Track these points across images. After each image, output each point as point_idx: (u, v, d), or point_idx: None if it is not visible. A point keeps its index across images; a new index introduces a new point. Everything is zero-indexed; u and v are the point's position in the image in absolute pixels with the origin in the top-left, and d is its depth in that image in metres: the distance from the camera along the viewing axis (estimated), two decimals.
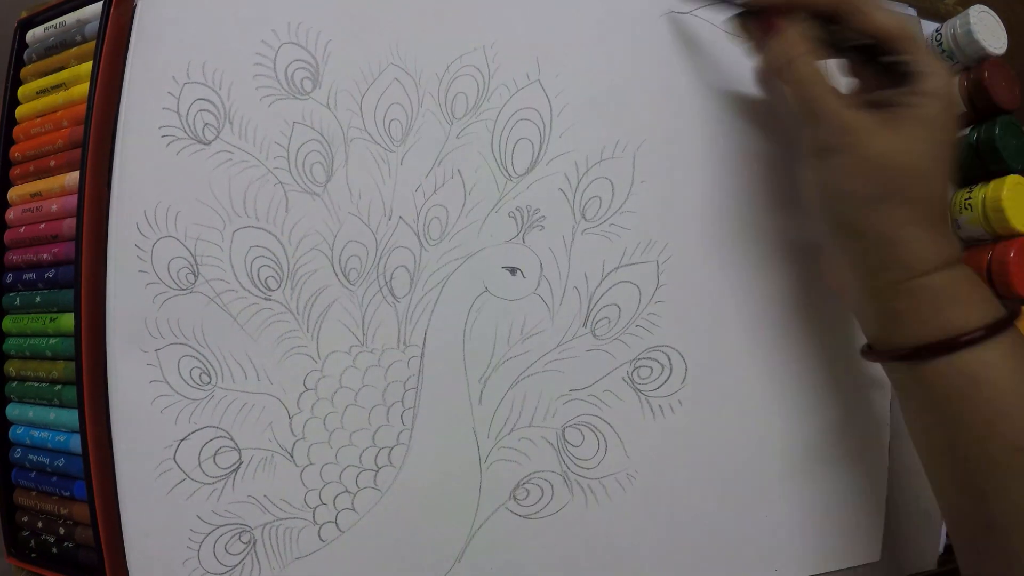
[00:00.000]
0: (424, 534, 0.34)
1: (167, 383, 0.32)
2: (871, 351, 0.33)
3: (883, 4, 0.30)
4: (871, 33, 0.30)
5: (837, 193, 0.30)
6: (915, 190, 0.28)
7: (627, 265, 0.36)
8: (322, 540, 0.33)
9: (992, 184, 0.41)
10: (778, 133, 0.39)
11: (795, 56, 0.30)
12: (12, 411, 0.37)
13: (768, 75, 0.34)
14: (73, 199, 0.34)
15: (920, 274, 0.28)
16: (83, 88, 0.35)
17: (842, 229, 0.30)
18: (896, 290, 0.29)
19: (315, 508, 0.33)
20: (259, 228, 0.33)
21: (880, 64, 0.32)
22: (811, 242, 0.39)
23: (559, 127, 0.36)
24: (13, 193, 0.38)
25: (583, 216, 0.36)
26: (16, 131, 0.38)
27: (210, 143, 0.33)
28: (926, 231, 0.28)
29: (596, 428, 0.36)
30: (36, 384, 0.36)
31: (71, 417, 0.34)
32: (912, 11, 0.44)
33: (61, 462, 0.35)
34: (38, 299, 0.36)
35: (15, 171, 0.38)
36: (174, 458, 0.32)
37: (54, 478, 0.36)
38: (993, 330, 0.27)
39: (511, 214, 0.35)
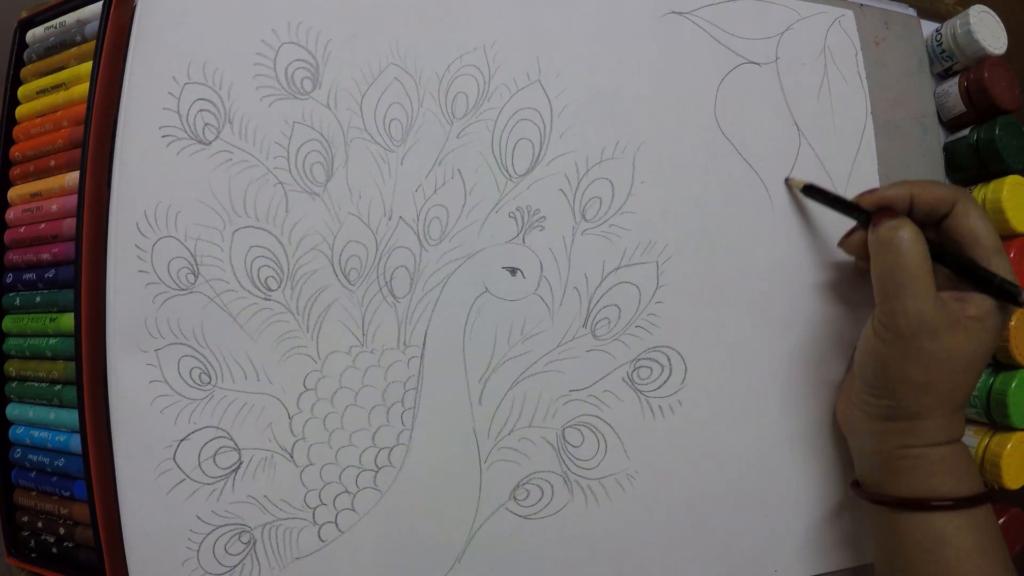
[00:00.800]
0: (424, 534, 0.34)
1: (167, 383, 0.32)
2: (858, 487, 0.35)
3: (984, 213, 0.32)
4: (967, 236, 0.32)
5: (893, 370, 0.31)
6: (958, 382, 0.31)
7: (627, 265, 0.36)
8: (322, 540, 0.33)
9: (992, 184, 0.41)
10: (778, 133, 0.39)
11: (905, 237, 0.31)
12: (12, 411, 0.37)
13: (852, 247, 0.36)
14: (73, 199, 0.34)
15: (928, 445, 0.32)
16: (83, 88, 0.35)
17: (882, 391, 0.32)
18: (903, 453, 0.32)
19: (315, 508, 0.33)
20: (259, 228, 0.33)
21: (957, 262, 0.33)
22: (811, 242, 0.39)
23: (559, 127, 0.36)
24: (13, 193, 0.38)
25: (583, 216, 0.36)
26: (16, 131, 0.38)
27: (210, 143, 0.33)
28: (950, 414, 0.32)
29: (596, 428, 0.36)
30: (36, 384, 0.36)
31: (71, 417, 0.34)
32: (912, 11, 0.44)
33: (61, 462, 0.35)
34: (38, 299, 0.36)
35: (15, 171, 0.38)
36: (174, 458, 0.32)
37: (54, 478, 0.36)
38: (970, 502, 0.31)
39: (511, 214, 0.35)
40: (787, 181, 0.38)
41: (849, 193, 0.40)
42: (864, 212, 0.34)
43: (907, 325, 0.30)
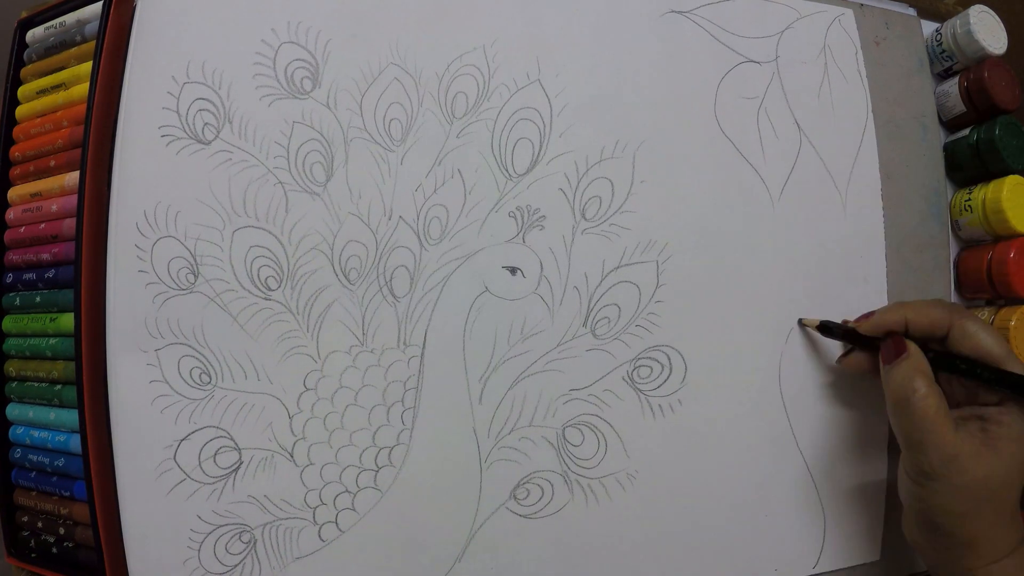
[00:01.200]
0: (425, 533, 0.34)
1: (167, 383, 0.32)
2: None
3: (985, 325, 0.33)
4: (976, 353, 0.32)
5: (936, 509, 0.31)
6: (1003, 499, 0.31)
7: (627, 265, 0.36)
8: (322, 540, 0.33)
9: (992, 184, 0.41)
10: (779, 132, 0.39)
11: (918, 391, 0.31)
12: (12, 411, 0.37)
13: (853, 366, 0.37)
14: (73, 199, 0.34)
15: (991, 562, 0.31)
16: (83, 88, 0.35)
17: (935, 531, 0.32)
18: (968, 573, 0.32)
19: (315, 508, 0.33)
20: (259, 228, 0.33)
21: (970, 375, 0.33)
22: (812, 240, 0.39)
23: (559, 127, 0.36)
24: (13, 193, 0.38)
25: (583, 216, 0.36)
26: (16, 131, 0.38)
27: (210, 143, 0.33)
28: (1004, 528, 0.31)
29: (596, 428, 0.36)
30: (36, 384, 0.36)
31: (71, 417, 0.34)
32: (912, 11, 0.44)
33: (61, 462, 0.35)
34: (38, 299, 0.36)
35: (15, 171, 0.38)
36: (174, 458, 0.32)
37: (54, 478, 0.36)
38: None
39: (511, 214, 0.35)
40: (800, 322, 0.39)
41: (850, 199, 0.40)
42: (869, 339, 0.35)
43: (934, 469, 0.31)
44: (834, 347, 0.39)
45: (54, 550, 0.36)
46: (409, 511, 0.34)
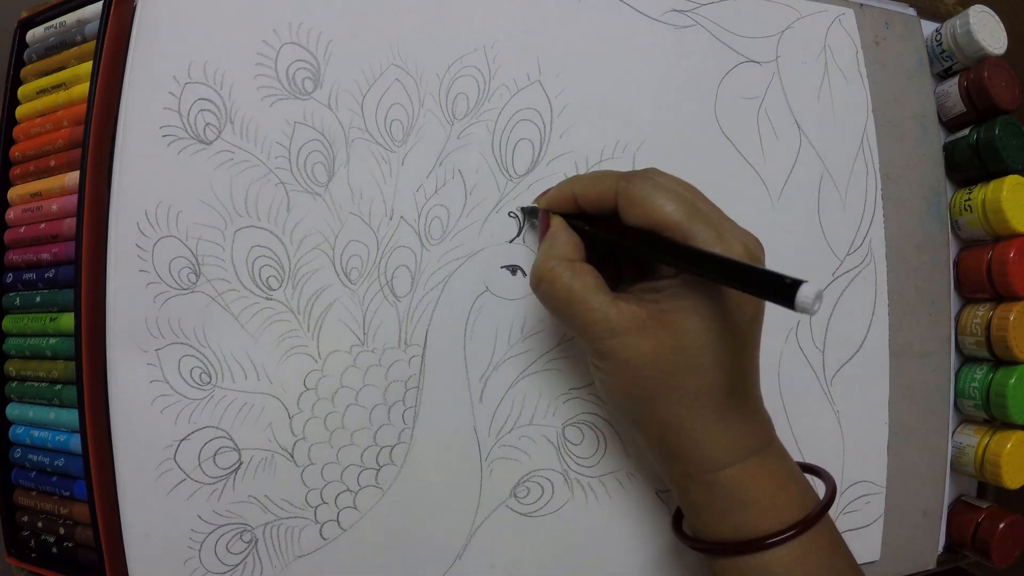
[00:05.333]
0: (426, 532, 0.34)
1: (167, 383, 0.32)
2: (678, 530, 0.32)
3: (662, 185, 0.27)
4: (646, 221, 0.27)
5: (616, 393, 0.28)
6: (690, 385, 0.26)
7: None
8: (324, 539, 0.33)
9: (992, 184, 0.41)
10: (779, 131, 0.39)
11: (555, 272, 0.28)
12: (12, 411, 0.37)
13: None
14: (73, 199, 0.34)
15: (710, 470, 0.27)
16: (83, 88, 0.35)
17: (629, 422, 0.29)
18: (690, 482, 0.28)
19: (316, 507, 0.33)
20: (260, 228, 0.33)
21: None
22: (812, 240, 0.39)
23: (559, 127, 0.36)
24: (13, 193, 0.38)
25: None
26: (16, 131, 0.38)
27: (211, 143, 0.33)
28: (712, 425, 0.27)
29: (596, 426, 0.36)
30: (36, 384, 0.36)
31: (71, 417, 0.34)
32: (912, 11, 0.44)
33: (61, 462, 0.35)
34: (38, 299, 0.36)
35: (15, 171, 0.38)
36: (174, 458, 0.32)
37: (54, 478, 0.36)
38: (786, 535, 0.26)
39: (512, 214, 0.35)
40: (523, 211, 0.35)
41: (850, 199, 0.40)
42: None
43: (598, 348, 0.27)
44: (834, 345, 0.39)
45: (54, 550, 0.36)
46: (410, 509, 0.34)
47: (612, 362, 0.27)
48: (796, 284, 0.21)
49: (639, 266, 0.31)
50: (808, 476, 0.30)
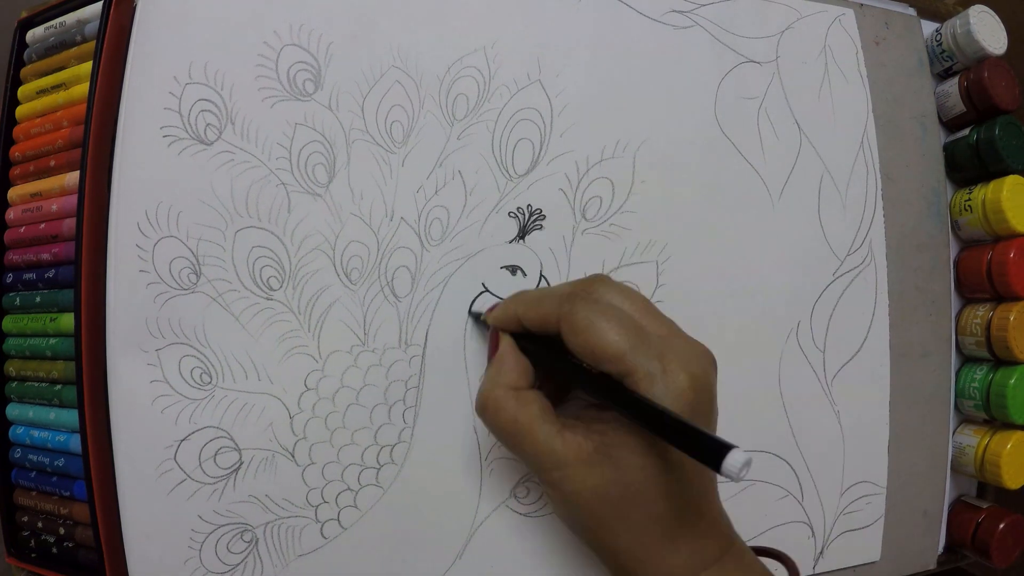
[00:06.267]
0: (426, 531, 0.34)
1: (168, 383, 0.32)
2: None
3: (608, 308, 0.26)
4: (588, 350, 0.26)
5: (567, 519, 0.28)
6: (637, 516, 0.26)
7: (627, 265, 0.36)
8: (324, 537, 0.33)
9: (992, 184, 0.41)
10: (779, 132, 0.39)
11: (494, 400, 0.28)
12: (12, 411, 0.37)
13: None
14: (73, 199, 0.34)
15: None
16: (83, 88, 0.35)
17: (586, 543, 0.29)
18: None
19: (317, 506, 0.33)
20: (261, 228, 0.33)
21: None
22: (812, 241, 0.39)
23: (559, 127, 0.36)
24: (13, 193, 0.38)
25: (583, 216, 0.36)
26: (16, 131, 0.38)
27: (212, 143, 0.33)
28: (663, 549, 0.26)
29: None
30: (36, 384, 0.36)
31: (71, 417, 0.34)
32: (912, 11, 0.44)
33: (61, 462, 0.35)
34: (38, 299, 0.36)
35: (15, 171, 0.38)
36: (175, 458, 0.32)
37: (54, 478, 0.36)
38: None
39: (512, 214, 0.35)
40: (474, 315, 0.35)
41: (850, 199, 0.40)
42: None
43: (544, 478, 0.27)
44: (834, 345, 0.39)
45: (54, 550, 0.36)
46: (411, 508, 0.34)
47: (559, 493, 0.27)
48: (725, 449, 0.21)
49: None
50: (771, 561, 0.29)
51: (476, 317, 0.34)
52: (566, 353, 0.27)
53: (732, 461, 0.21)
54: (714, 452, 0.21)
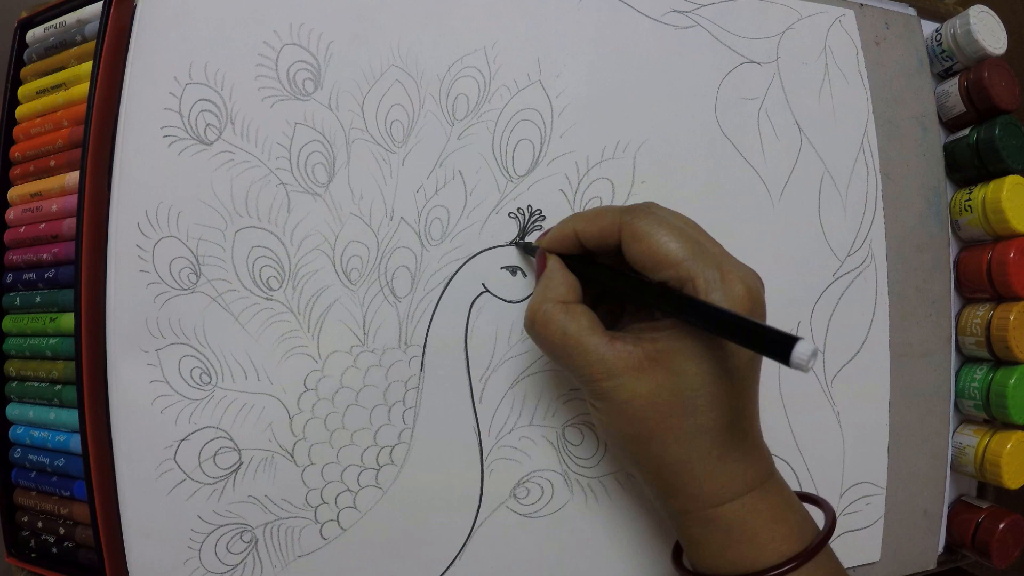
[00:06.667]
0: (425, 531, 0.34)
1: (167, 383, 0.32)
2: (678, 564, 0.31)
3: (668, 221, 0.27)
4: (649, 259, 0.27)
5: (614, 432, 0.28)
6: (687, 426, 0.26)
7: None
8: (324, 538, 0.33)
9: (992, 184, 0.41)
10: (779, 132, 0.39)
11: (548, 315, 0.28)
12: (12, 411, 0.37)
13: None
14: (73, 199, 0.34)
15: (708, 506, 0.27)
16: (83, 88, 0.35)
17: (627, 460, 0.29)
18: (688, 518, 0.28)
19: (316, 507, 0.33)
20: (261, 228, 0.33)
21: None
22: (812, 241, 0.39)
23: (560, 127, 0.36)
24: (13, 193, 0.38)
25: None
26: (16, 131, 0.38)
27: (212, 143, 0.33)
28: (711, 464, 0.27)
29: (596, 427, 0.36)
30: (36, 384, 0.36)
31: (71, 417, 0.34)
32: (912, 11, 0.44)
33: (61, 462, 0.35)
34: (38, 299, 0.36)
35: (15, 171, 0.38)
36: (174, 458, 0.32)
37: (54, 478, 0.36)
38: (785, 567, 0.26)
39: (512, 215, 0.35)
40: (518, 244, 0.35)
41: (850, 199, 0.40)
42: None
43: (595, 389, 0.27)
44: (835, 345, 0.39)
45: (54, 550, 0.36)
46: (410, 509, 0.34)
47: (609, 403, 0.27)
48: (792, 341, 0.21)
49: (641, 304, 0.31)
50: (809, 506, 0.30)
51: (525, 247, 0.34)
52: (623, 267, 0.28)
53: (801, 351, 0.21)
54: (782, 345, 0.21)
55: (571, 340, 0.27)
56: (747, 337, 0.23)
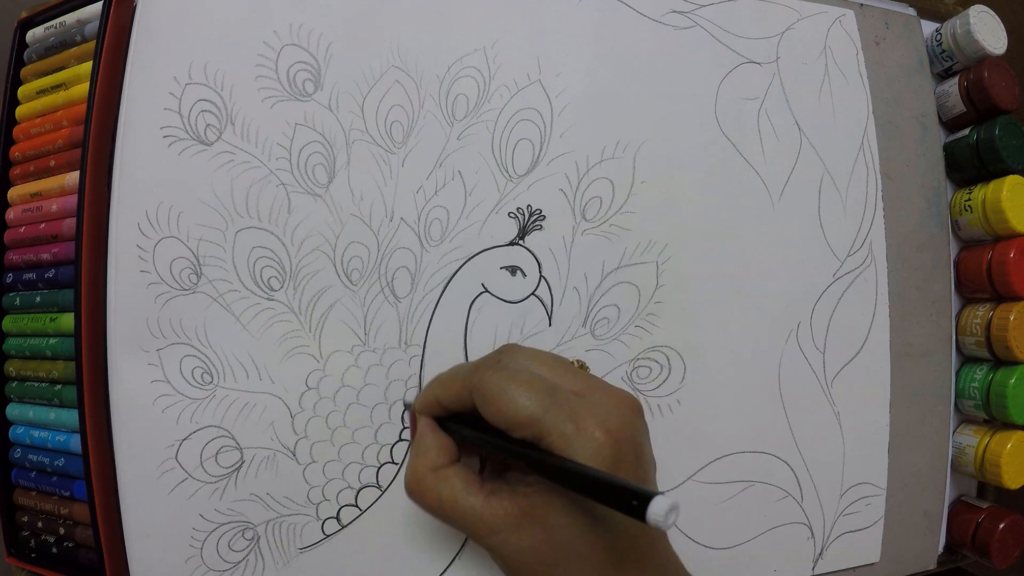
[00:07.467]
0: (425, 529, 0.34)
1: (169, 383, 0.32)
2: None
3: (513, 391, 0.26)
4: (502, 418, 0.26)
5: None
6: (576, 571, 0.26)
7: (627, 265, 0.36)
8: (325, 535, 0.33)
9: (992, 184, 0.41)
10: (779, 132, 0.39)
11: (417, 484, 0.28)
12: (12, 411, 0.37)
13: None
14: (73, 199, 0.34)
15: None
16: (83, 88, 0.35)
17: None
18: None
19: (318, 504, 0.33)
20: (261, 229, 0.33)
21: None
22: (812, 241, 0.39)
23: (560, 127, 0.36)
24: (13, 193, 0.38)
25: (583, 216, 0.36)
26: (16, 131, 0.38)
27: (212, 144, 0.33)
28: None
29: None
30: (36, 384, 0.36)
31: (71, 417, 0.34)
32: (912, 11, 0.44)
33: (61, 462, 0.35)
34: (38, 299, 0.36)
35: (15, 171, 0.38)
36: (176, 457, 0.32)
37: (54, 478, 0.36)
38: None
39: (511, 214, 0.35)
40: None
41: (850, 199, 0.40)
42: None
43: (479, 541, 0.27)
44: (834, 345, 0.39)
45: (54, 550, 0.36)
46: (410, 507, 0.34)
47: (498, 556, 0.27)
48: (648, 498, 0.20)
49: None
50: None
51: (406, 407, 0.34)
52: (485, 424, 0.27)
53: (656, 509, 0.20)
54: (637, 502, 0.21)
55: (447, 505, 0.27)
56: (601, 494, 0.22)
